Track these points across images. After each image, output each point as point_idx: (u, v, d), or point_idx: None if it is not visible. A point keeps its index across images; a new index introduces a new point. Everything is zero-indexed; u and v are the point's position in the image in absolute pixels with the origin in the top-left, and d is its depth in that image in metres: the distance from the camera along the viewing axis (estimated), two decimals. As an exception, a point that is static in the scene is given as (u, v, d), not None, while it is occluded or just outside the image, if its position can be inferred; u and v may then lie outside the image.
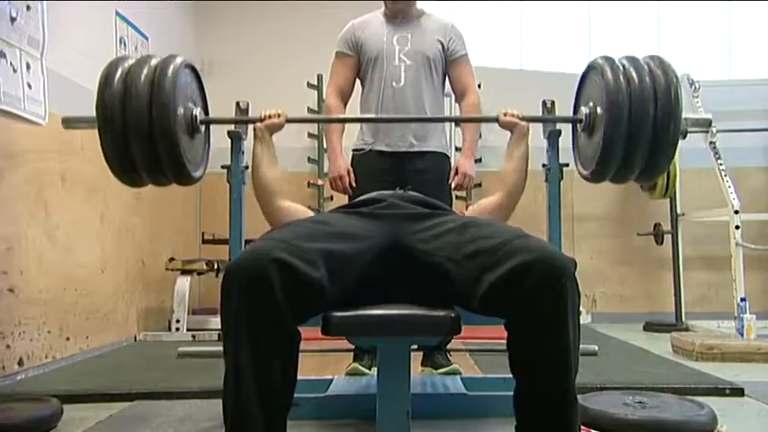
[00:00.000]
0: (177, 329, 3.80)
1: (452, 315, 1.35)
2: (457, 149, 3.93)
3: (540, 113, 2.94)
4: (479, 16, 4.96)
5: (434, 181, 2.48)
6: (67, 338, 2.90)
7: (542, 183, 1.99)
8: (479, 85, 2.75)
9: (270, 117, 1.79)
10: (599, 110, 1.65)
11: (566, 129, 2.42)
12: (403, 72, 2.46)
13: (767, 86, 4.69)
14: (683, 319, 4.24)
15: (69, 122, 1.86)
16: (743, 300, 3.21)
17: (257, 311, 1.19)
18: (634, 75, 1.59)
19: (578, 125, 1.80)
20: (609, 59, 1.66)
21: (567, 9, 5.01)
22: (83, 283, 3.05)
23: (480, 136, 2.79)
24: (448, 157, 2.62)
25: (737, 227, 3.58)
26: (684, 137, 1.69)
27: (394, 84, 2.46)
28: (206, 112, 1.81)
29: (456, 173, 2.52)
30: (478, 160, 4.02)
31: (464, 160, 2.52)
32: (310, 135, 4.77)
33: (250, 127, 2.58)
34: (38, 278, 2.68)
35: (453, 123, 4.23)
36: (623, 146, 1.57)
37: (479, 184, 4.42)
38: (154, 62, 1.61)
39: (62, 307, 2.87)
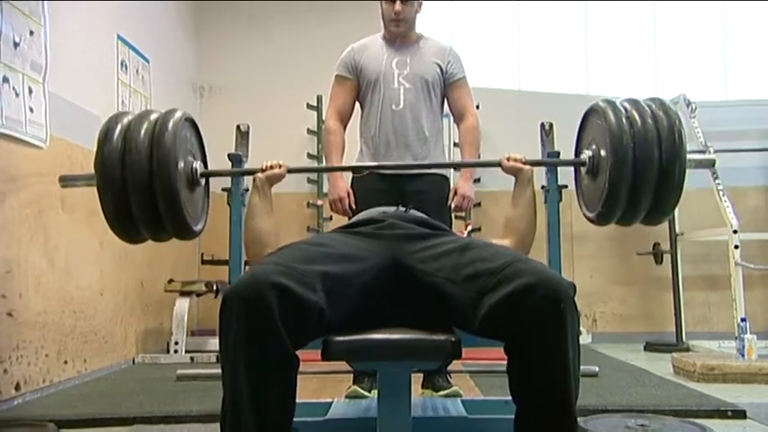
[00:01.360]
0: (176, 351, 3.77)
1: (453, 339, 1.35)
2: (455, 168, 3.95)
3: (539, 135, 2.95)
4: (478, 38, 5.02)
5: (434, 202, 2.49)
6: (65, 362, 2.88)
7: (541, 203, 1.99)
8: (478, 106, 2.77)
9: (271, 167, 1.74)
10: (602, 152, 1.63)
11: (568, 154, 2.43)
12: (402, 95, 2.49)
13: (763, 107, 4.72)
14: (684, 338, 4.23)
15: (66, 181, 1.78)
16: (743, 320, 3.20)
17: (256, 336, 1.19)
18: (637, 117, 1.57)
19: (582, 168, 1.76)
20: (610, 102, 1.63)
21: (564, 31, 5.07)
22: (82, 306, 3.04)
23: (479, 157, 2.80)
24: (447, 179, 2.63)
25: (737, 246, 3.58)
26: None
27: (393, 106, 2.48)
28: (205, 164, 1.78)
29: (455, 194, 2.53)
30: (477, 180, 4.04)
31: (463, 182, 2.53)
32: (310, 156, 4.79)
33: (251, 154, 2.60)
34: (36, 301, 2.67)
35: (452, 144, 4.25)
36: (628, 189, 1.55)
37: (478, 204, 4.44)
38: (153, 117, 1.59)
39: (60, 330, 2.86)
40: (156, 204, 1.53)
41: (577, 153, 1.80)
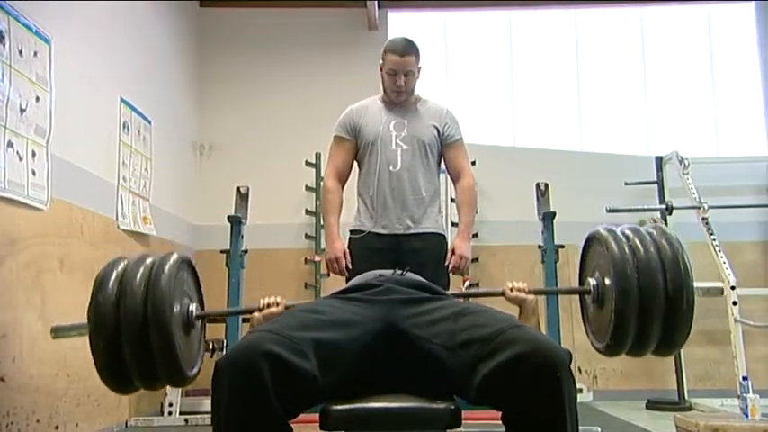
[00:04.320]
0: (170, 413, 3.69)
1: (452, 407, 1.35)
2: (453, 225, 3.97)
3: (533, 192, 2.98)
4: (473, 96, 5.14)
5: (432, 261, 2.51)
6: (56, 427, 2.82)
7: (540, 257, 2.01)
8: (474, 163, 2.82)
9: (268, 306, 1.69)
10: (607, 281, 1.56)
11: (563, 210, 2.46)
12: (399, 156, 2.53)
13: (755, 163, 4.81)
14: (686, 396, 4.16)
15: (58, 332, 1.71)
16: (745, 378, 3.16)
17: (248, 407, 1.19)
18: (639, 245, 1.52)
19: (587, 296, 1.69)
20: (611, 231, 1.60)
21: (557, 89, 5.20)
22: (76, 368, 2.99)
23: (477, 212, 2.83)
24: (444, 237, 2.65)
25: (735, 303, 3.57)
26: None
27: (391, 167, 2.52)
28: (202, 305, 1.72)
29: (452, 254, 2.54)
30: (475, 235, 4.06)
31: (460, 242, 2.55)
32: (308, 212, 4.82)
33: (250, 210, 2.62)
34: (30, 365, 2.63)
35: (449, 200, 4.29)
36: (636, 320, 1.48)
37: (476, 259, 4.45)
38: (150, 261, 1.55)
39: (53, 393, 2.80)
40: (149, 350, 1.45)
41: (581, 280, 1.72)
